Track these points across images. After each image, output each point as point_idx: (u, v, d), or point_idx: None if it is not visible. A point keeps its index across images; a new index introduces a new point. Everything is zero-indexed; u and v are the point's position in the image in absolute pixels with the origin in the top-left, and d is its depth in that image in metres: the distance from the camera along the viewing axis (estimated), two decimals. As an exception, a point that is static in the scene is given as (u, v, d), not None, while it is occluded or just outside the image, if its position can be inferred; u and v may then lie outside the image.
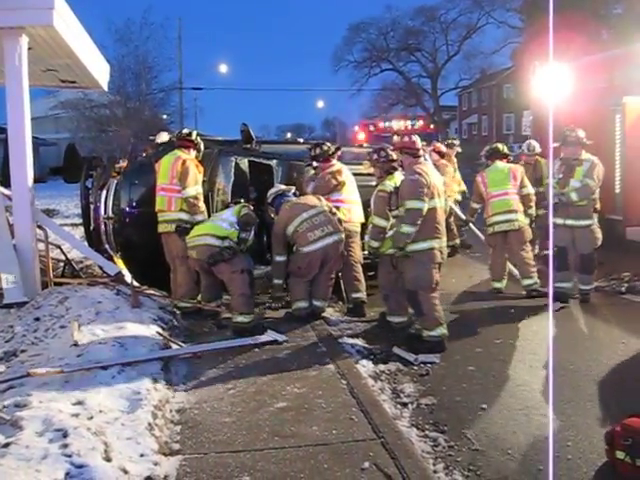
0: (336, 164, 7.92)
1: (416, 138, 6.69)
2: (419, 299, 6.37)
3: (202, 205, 7.35)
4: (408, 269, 6.43)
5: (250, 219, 6.99)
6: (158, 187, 7.39)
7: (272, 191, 7.66)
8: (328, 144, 8.13)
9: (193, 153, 7.56)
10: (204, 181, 7.66)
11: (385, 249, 6.96)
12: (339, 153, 8.09)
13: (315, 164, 7.95)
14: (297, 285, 7.20)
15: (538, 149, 10.28)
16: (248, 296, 6.74)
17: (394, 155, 7.15)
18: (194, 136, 7.63)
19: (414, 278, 6.36)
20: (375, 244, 7.02)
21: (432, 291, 6.37)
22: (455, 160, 12.09)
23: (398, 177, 7.01)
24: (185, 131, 7.82)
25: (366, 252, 7.58)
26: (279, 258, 7.28)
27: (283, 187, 7.74)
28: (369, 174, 7.70)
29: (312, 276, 7.15)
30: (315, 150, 7.95)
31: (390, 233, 6.79)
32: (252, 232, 6.98)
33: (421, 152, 6.66)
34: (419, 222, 6.18)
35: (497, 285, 8.52)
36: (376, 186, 7.22)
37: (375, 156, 7.37)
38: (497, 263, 8.56)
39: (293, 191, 7.64)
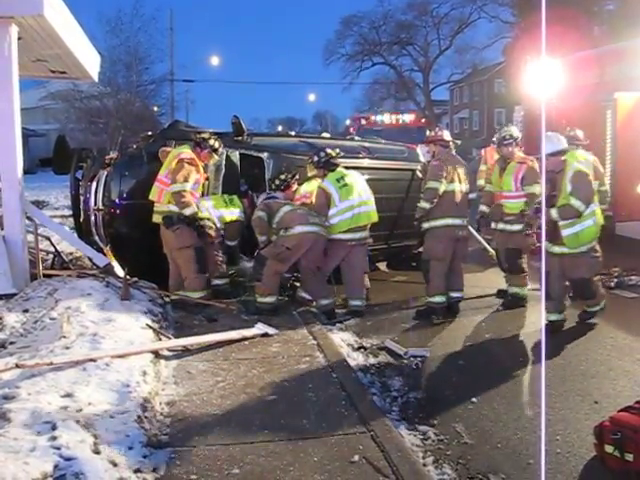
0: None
1: (445, 131, 7.68)
2: (429, 267, 7.24)
3: (189, 200, 7.19)
4: (426, 241, 7.33)
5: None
6: (157, 177, 7.37)
7: (262, 197, 7.83)
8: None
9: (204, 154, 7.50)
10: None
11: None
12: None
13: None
14: (321, 283, 7.34)
15: None
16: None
17: (333, 153, 7.43)
18: (203, 138, 7.54)
19: (428, 249, 7.28)
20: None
21: (441, 262, 7.18)
22: None
23: (341, 172, 7.35)
24: (205, 136, 7.64)
25: None
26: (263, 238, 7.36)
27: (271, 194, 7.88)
28: (394, 169, 8.06)
29: (290, 264, 7.17)
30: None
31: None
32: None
33: (451, 144, 7.45)
34: (435, 200, 7.07)
35: None
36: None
37: (315, 158, 7.51)
38: None
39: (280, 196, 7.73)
